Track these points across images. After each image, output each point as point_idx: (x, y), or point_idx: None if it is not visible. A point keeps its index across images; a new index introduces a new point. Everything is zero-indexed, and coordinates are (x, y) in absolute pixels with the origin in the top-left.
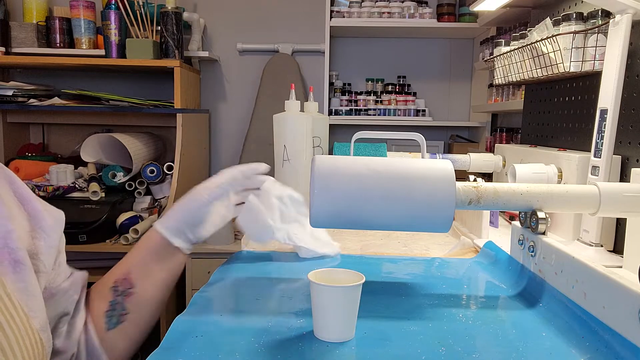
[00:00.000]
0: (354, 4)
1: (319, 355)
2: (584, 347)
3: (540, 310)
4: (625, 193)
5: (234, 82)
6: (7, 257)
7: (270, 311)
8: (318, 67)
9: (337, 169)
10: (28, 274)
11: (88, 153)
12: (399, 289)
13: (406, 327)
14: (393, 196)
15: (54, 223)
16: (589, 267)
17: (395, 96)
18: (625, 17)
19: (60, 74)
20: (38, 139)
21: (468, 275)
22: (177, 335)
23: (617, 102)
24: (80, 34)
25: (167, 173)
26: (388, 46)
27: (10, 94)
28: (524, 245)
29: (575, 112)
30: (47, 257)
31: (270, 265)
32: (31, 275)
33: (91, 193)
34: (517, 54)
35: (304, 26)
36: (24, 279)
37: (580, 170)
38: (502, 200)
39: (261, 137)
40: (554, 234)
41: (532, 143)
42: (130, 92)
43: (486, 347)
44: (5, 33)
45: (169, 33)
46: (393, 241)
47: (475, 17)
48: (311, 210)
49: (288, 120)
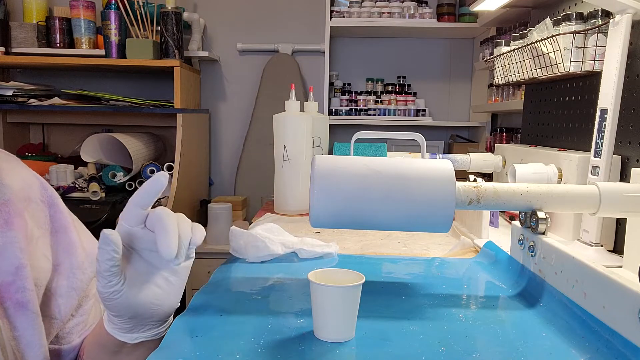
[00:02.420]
0: (354, 4)
1: (319, 355)
2: (584, 347)
3: (540, 310)
4: (625, 193)
5: (234, 82)
6: (12, 297)
7: (270, 311)
8: (318, 67)
9: (337, 169)
10: (30, 322)
11: (88, 153)
12: (399, 289)
13: (406, 327)
14: (393, 196)
15: (86, 262)
16: (589, 267)
17: (395, 96)
18: (625, 17)
19: (60, 74)
20: (38, 139)
21: (468, 275)
22: (177, 335)
23: (617, 102)
24: (80, 34)
25: (167, 173)
26: (388, 46)
27: (10, 94)
28: (524, 245)
29: (575, 112)
30: (65, 301)
31: (270, 265)
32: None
33: (91, 193)
34: (517, 54)
35: (304, 26)
36: (24, 326)
37: (580, 170)
38: (502, 200)
39: (261, 137)
40: (554, 234)
41: (532, 143)
42: (130, 92)
43: (486, 347)
44: (5, 33)
45: (169, 33)
46: (393, 241)
47: (475, 17)
48: (311, 210)
49: (288, 120)
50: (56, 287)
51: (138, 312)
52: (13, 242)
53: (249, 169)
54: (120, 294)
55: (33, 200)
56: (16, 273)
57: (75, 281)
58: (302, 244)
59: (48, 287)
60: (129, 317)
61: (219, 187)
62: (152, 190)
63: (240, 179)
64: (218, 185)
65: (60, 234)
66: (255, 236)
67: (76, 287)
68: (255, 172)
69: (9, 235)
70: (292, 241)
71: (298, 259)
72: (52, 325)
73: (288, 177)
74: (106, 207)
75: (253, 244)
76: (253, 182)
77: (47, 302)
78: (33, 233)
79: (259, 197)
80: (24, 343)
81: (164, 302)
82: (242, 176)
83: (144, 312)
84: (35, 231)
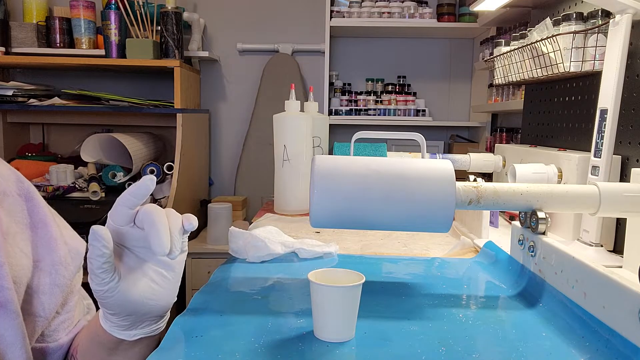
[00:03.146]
0: (354, 4)
1: (319, 355)
2: (584, 347)
3: (540, 310)
4: (625, 193)
5: (234, 82)
6: None
7: (270, 311)
8: (318, 67)
9: (337, 169)
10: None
11: (88, 153)
12: (399, 289)
13: (406, 327)
14: (393, 196)
15: (69, 257)
16: (589, 267)
17: (395, 96)
18: (625, 17)
19: (60, 74)
20: (38, 139)
21: (468, 275)
22: (177, 335)
23: (617, 102)
24: (80, 34)
25: (167, 173)
26: (388, 46)
27: (10, 94)
28: (524, 245)
29: (575, 112)
30: (48, 298)
31: (270, 265)
32: (14, 323)
33: (91, 193)
34: (517, 54)
35: (304, 26)
36: (5, 326)
37: (580, 170)
38: (502, 200)
39: (261, 137)
40: (554, 234)
41: (532, 143)
42: (130, 92)
43: (486, 347)
44: (5, 33)
45: (169, 33)
46: (393, 241)
47: (475, 17)
48: (311, 210)
49: (288, 120)
50: (38, 285)
51: (135, 309)
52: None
53: (249, 169)
54: (116, 291)
55: (9, 194)
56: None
57: (58, 277)
58: (302, 244)
59: (29, 284)
60: (126, 315)
61: (219, 187)
62: (138, 193)
63: (240, 179)
64: (218, 185)
65: (40, 229)
66: (255, 236)
67: (59, 283)
68: (255, 172)
69: None
70: (292, 242)
71: (298, 259)
72: (36, 324)
73: (288, 177)
74: (106, 207)
75: (253, 243)
76: (253, 182)
77: (30, 300)
78: (9, 229)
79: (259, 197)
80: (4, 344)
81: (160, 297)
82: (242, 176)
83: (141, 309)
84: (12, 227)
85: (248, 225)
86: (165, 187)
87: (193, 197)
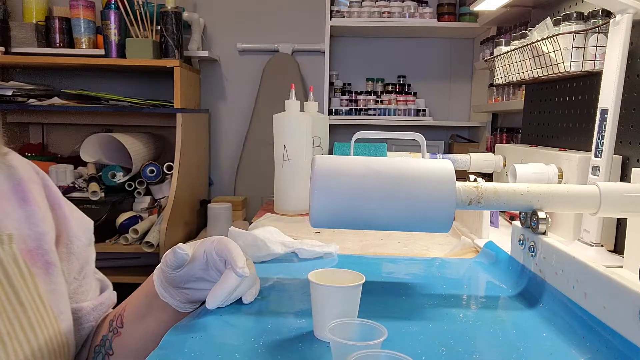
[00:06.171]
0: (354, 4)
1: (319, 355)
2: (585, 347)
3: (541, 310)
4: (625, 193)
5: (234, 82)
6: (40, 259)
7: (270, 311)
8: (318, 67)
9: (337, 169)
10: (59, 276)
11: (88, 153)
12: (399, 289)
13: (406, 327)
14: (393, 196)
15: (80, 231)
16: (590, 267)
17: (395, 96)
18: (625, 16)
19: (60, 73)
20: (38, 138)
21: (468, 275)
22: (177, 335)
23: (617, 102)
24: (80, 33)
25: (167, 173)
26: (388, 46)
27: (10, 93)
28: (524, 245)
29: (575, 112)
30: (68, 266)
31: (270, 265)
32: (61, 277)
33: (91, 193)
34: (518, 54)
35: (304, 26)
36: (55, 280)
37: (580, 170)
38: (502, 200)
39: (261, 137)
40: (555, 234)
41: (533, 143)
42: (130, 92)
43: (486, 347)
44: (5, 33)
45: (168, 33)
46: (393, 241)
47: (476, 16)
48: (311, 210)
49: (288, 120)
50: (61, 254)
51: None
52: (34, 214)
53: (249, 169)
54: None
55: (34, 180)
56: (41, 239)
57: (73, 247)
58: (302, 244)
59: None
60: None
61: (218, 187)
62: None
63: (240, 179)
64: (218, 185)
65: (56, 210)
66: (255, 236)
67: (74, 252)
68: (255, 172)
69: (28, 210)
70: (292, 242)
71: (298, 259)
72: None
73: (288, 177)
74: (106, 207)
75: (253, 243)
76: (253, 182)
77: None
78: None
79: (259, 197)
80: (57, 295)
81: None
82: (242, 176)
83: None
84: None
85: (248, 225)
86: (165, 187)
87: (193, 197)
